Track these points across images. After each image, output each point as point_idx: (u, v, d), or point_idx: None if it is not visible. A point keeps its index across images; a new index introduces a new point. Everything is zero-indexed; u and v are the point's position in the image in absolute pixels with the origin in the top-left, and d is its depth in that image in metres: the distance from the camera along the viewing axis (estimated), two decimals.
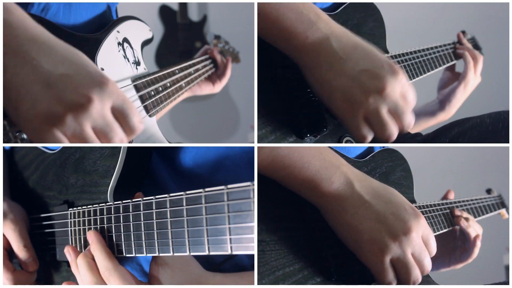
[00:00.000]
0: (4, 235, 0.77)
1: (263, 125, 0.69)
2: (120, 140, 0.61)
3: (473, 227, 1.02)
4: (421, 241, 0.69)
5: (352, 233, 0.68)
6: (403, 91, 0.67)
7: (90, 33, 0.79)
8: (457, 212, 1.01)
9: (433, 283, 0.85)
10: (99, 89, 0.57)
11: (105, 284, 0.64)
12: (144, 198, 0.64)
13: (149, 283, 0.65)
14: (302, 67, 0.70)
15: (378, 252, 0.66)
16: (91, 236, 0.68)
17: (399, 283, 0.69)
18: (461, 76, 1.19)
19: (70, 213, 0.75)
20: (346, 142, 0.79)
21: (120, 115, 0.60)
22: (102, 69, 0.76)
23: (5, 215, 0.78)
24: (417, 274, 0.68)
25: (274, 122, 0.70)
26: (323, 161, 0.68)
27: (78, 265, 0.67)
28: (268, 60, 0.73)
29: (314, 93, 0.74)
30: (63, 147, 0.80)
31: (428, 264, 0.69)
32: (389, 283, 0.68)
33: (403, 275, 0.68)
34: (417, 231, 0.68)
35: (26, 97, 0.56)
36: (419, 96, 1.27)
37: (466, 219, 1.01)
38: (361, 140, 0.68)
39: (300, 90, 0.73)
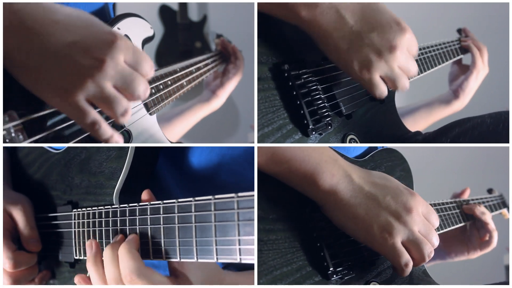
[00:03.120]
0: (10, 216, 0.77)
1: (269, 122, 0.69)
2: (145, 89, 0.63)
3: (488, 216, 1.08)
4: (423, 217, 0.71)
5: (360, 225, 0.69)
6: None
7: None
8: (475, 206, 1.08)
9: (434, 283, 0.85)
10: (108, 47, 0.59)
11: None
12: (151, 203, 0.63)
13: (171, 276, 0.64)
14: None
15: (388, 237, 0.68)
16: (120, 237, 0.66)
17: (414, 261, 0.71)
18: (471, 65, 1.22)
19: (75, 214, 0.75)
20: (350, 141, 0.79)
21: (133, 66, 0.62)
22: None
23: (15, 201, 0.78)
24: (429, 248, 0.70)
25: (279, 120, 0.70)
26: (322, 155, 0.69)
27: (104, 257, 0.64)
28: (274, 57, 0.73)
29: (320, 91, 0.74)
30: (68, 147, 0.80)
31: (435, 238, 0.72)
32: (406, 264, 0.69)
33: (416, 252, 0.70)
34: (416, 208, 0.70)
35: (44, 74, 0.57)
36: (429, 90, 1.27)
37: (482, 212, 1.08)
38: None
39: (306, 87, 0.73)
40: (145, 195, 0.66)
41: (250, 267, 0.76)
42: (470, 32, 1.28)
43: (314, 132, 0.73)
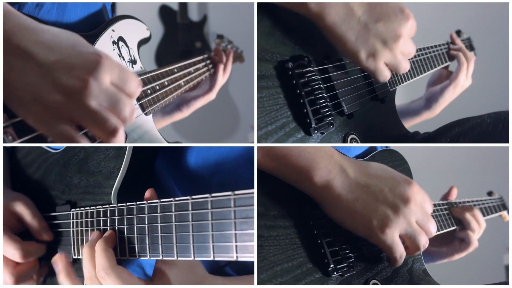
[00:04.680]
0: (13, 213, 0.77)
1: (272, 120, 0.69)
2: (131, 111, 0.62)
3: (475, 217, 1.05)
4: (420, 207, 0.72)
5: (359, 220, 0.69)
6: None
7: (84, 32, 0.79)
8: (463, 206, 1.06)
9: (434, 282, 0.85)
10: (92, 67, 0.58)
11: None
12: (149, 202, 0.64)
13: (153, 278, 0.65)
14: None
15: (387, 230, 0.69)
16: (96, 235, 0.69)
17: (408, 251, 0.73)
18: (452, 76, 1.19)
19: (73, 213, 0.75)
20: (351, 140, 0.80)
21: (119, 86, 0.61)
22: None
23: (17, 197, 0.79)
24: (424, 239, 0.72)
25: (283, 118, 0.70)
26: (318, 150, 0.70)
27: (83, 255, 0.68)
28: (279, 55, 0.73)
29: (323, 90, 0.74)
30: (67, 147, 0.80)
31: (432, 226, 0.73)
32: (401, 257, 0.71)
33: (411, 243, 0.72)
34: (414, 198, 0.71)
35: (26, 91, 0.57)
36: (415, 95, 1.27)
37: (469, 209, 1.05)
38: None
39: (310, 86, 0.73)
40: (147, 193, 0.67)
41: (247, 271, 0.76)
42: (457, 40, 1.25)
43: (316, 131, 0.73)
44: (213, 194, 0.56)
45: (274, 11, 0.74)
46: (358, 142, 0.81)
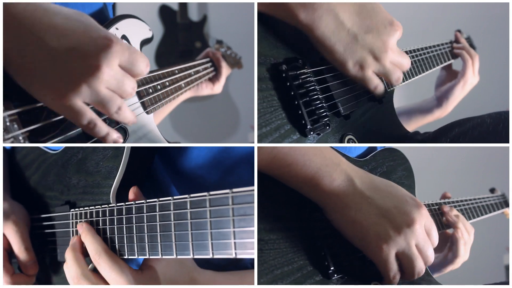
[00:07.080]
0: (5, 236, 0.77)
1: (267, 122, 0.69)
2: (133, 88, 0.65)
3: (463, 225, 0.99)
4: (424, 232, 0.70)
5: (357, 230, 0.69)
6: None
7: None
8: (446, 208, 0.99)
9: (435, 283, 0.85)
10: (104, 53, 0.60)
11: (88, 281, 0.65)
12: (148, 201, 0.64)
13: (142, 268, 0.65)
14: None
15: (384, 246, 0.67)
16: (82, 226, 0.69)
17: (403, 275, 0.70)
18: (460, 74, 1.20)
19: (72, 214, 0.75)
20: (348, 141, 0.79)
21: (127, 68, 0.64)
22: None
23: (7, 216, 0.77)
24: (421, 265, 0.70)
25: (277, 120, 0.70)
26: (324, 158, 0.69)
27: (66, 258, 0.68)
28: (272, 57, 0.73)
29: (318, 91, 0.74)
30: (66, 148, 0.80)
31: (431, 255, 0.71)
32: (394, 277, 0.69)
33: (407, 267, 0.69)
34: (420, 221, 0.69)
35: (38, 76, 0.58)
36: (416, 95, 1.27)
37: (456, 216, 0.99)
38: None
39: (304, 87, 0.73)
40: (131, 194, 0.68)
41: (246, 267, 0.76)
42: (462, 38, 1.26)
43: (312, 132, 0.73)
44: (211, 192, 0.56)
45: (268, 16, 0.74)
46: (355, 143, 0.81)
